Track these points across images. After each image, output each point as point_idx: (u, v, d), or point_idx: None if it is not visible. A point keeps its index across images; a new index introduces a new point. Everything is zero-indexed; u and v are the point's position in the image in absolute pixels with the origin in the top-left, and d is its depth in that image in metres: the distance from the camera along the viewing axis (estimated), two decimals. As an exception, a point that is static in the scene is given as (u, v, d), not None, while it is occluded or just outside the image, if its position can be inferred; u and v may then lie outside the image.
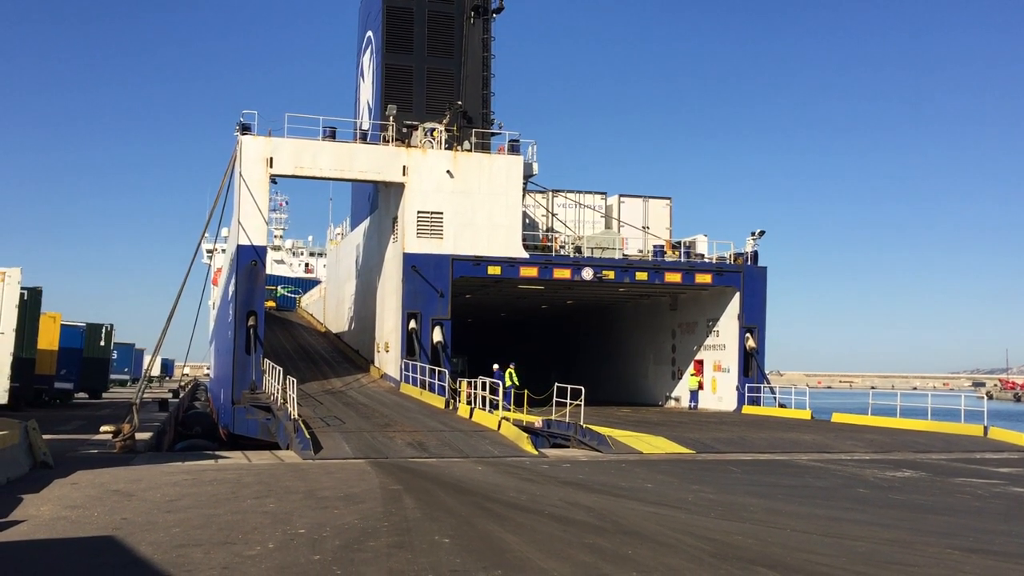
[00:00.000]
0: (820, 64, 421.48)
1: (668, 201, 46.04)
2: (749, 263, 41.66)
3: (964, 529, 13.31)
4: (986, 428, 30.11)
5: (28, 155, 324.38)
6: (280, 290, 74.83)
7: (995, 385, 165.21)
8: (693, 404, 42.88)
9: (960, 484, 18.89)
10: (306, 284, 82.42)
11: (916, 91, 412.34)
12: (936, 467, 22.16)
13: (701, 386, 43.25)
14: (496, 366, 36.46)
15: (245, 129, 35.94)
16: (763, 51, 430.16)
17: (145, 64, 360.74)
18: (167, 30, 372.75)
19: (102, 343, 50.88)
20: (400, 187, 37.64)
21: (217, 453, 23.58)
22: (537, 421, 28.88)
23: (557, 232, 43.49)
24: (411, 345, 36.52)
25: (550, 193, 44.72)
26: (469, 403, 30.53)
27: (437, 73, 41.78)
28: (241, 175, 35.36)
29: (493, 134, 41.10)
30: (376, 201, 43.04)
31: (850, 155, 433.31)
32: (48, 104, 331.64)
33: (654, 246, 42.89)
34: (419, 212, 37.25)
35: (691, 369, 44.22)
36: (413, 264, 36.77)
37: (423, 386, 34.26)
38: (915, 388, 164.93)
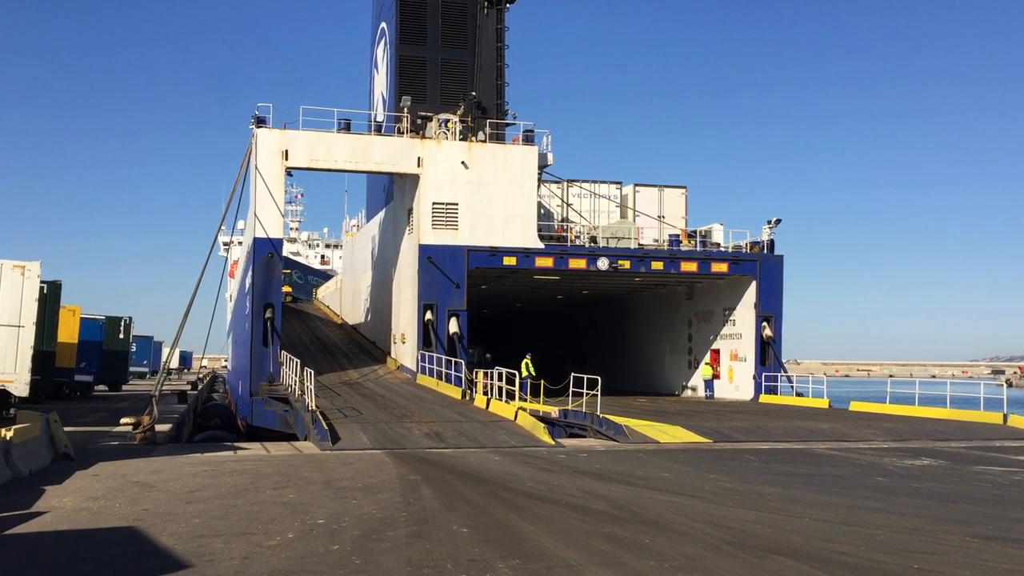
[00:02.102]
0: (838, 52, 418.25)
1: (683, 190, 45.90)
2: (765, 251, 41.48)
3: (984, 517, 13.24)
4: (1006, 416, 29.91)
5: (46, 149, 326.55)
6: (294, 276, 74.33)
7: (1015, 373, 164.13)
8: (709, 393, 42.82)
9: (979, 472, 18.79)
10: (309, 274, 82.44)
11: (937, 77, 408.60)
12: (955, 455, 22.05)
13: (717, 375, 43.18)
14: (488, 355, 36.71)
15: (260, 122, 36.09)
16: (780, 39, 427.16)
17: (159, 57, 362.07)
18: (181, 23, 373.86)
19: (121, 336, 51.33)
20: (415, 178, 37.68)
21: (236, 444, 23.76)
22: (554, 411, 28.91)
23: (572, 222, 43.44)
24: (427, 336, 36.61)
25: (565, 183, 44.66)
26: (486, 394, 30.60)
27: (451, 64, 41.75)
28: (257, 168, 35.50)
29: (507, 124, 41.06)
30: (391, 193, 43.10)
31: (868, 142, 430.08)
32: (64, 97, 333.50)
33: (670, 235, 42.77)
34: (434, 203, 37.28)
35: (706, 358, 44.16)
36: (429, 255, 36.82)
37: (440, 377, 34.35)
38: (934, 376, 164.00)
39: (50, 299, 34.92)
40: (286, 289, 68.63)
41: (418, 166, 37.34)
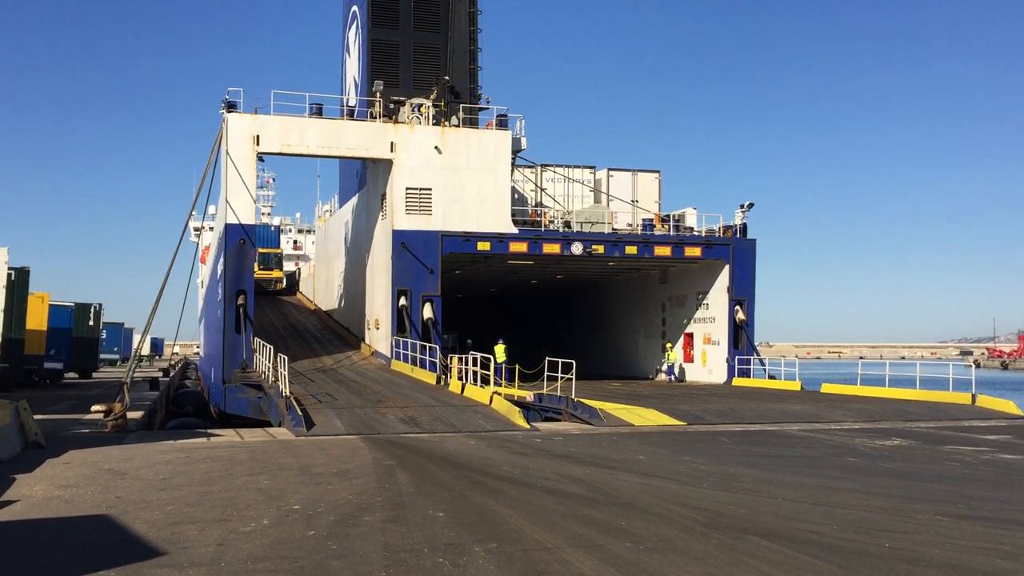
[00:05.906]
0: (807, 38, 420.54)
1: (657, 174, 45.97)
2: (738, 235, 41.68)
3: (953, 496, 13.43)
4: (974, 396, 30.32)
5: (14, 136, 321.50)
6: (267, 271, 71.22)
7: (982, 354, 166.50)
8: (671, 377, 43.05)
9: (949, 452, 19.05)
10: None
11: (902, 63, 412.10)
12: (925, 435, 22.34)
13: (690, 359, 43.47)
14: (469, 340, 37.07)
15: (231, 107, 35.66)
16: (752, 26, 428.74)
17: (130, 42, 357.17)
18: (149, 7, 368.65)
19: (91, 323, 50.73)
20: (388, 164, 37.46)
21: (209, 431, 23.59)
22: (529, 395, 28.96)
23: (546, 207, 43.41)
24: (401, 322, 36.52)
25: (539, 168, 44.58)
26: (460, 378, 30.58)
27: (424, 48, 41.45)
28: (228, 153, 35.13)
29: (481, 109, 40.87)
30: (364, 178, 42.83)
31: (838, 127, 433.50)
32: (32, 84, 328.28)
33: (643, 220, 42.85)
34: (407, 188, 37.11)
35: (667, 343, 44.57)
36: (402, 241, 36.67)
37: (414, 362, 34.28)
38: (903, 358, 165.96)
39: (18, 286, 34.45)
40: (278, 274, 67.74)
41: (391, 151, 37.12)
